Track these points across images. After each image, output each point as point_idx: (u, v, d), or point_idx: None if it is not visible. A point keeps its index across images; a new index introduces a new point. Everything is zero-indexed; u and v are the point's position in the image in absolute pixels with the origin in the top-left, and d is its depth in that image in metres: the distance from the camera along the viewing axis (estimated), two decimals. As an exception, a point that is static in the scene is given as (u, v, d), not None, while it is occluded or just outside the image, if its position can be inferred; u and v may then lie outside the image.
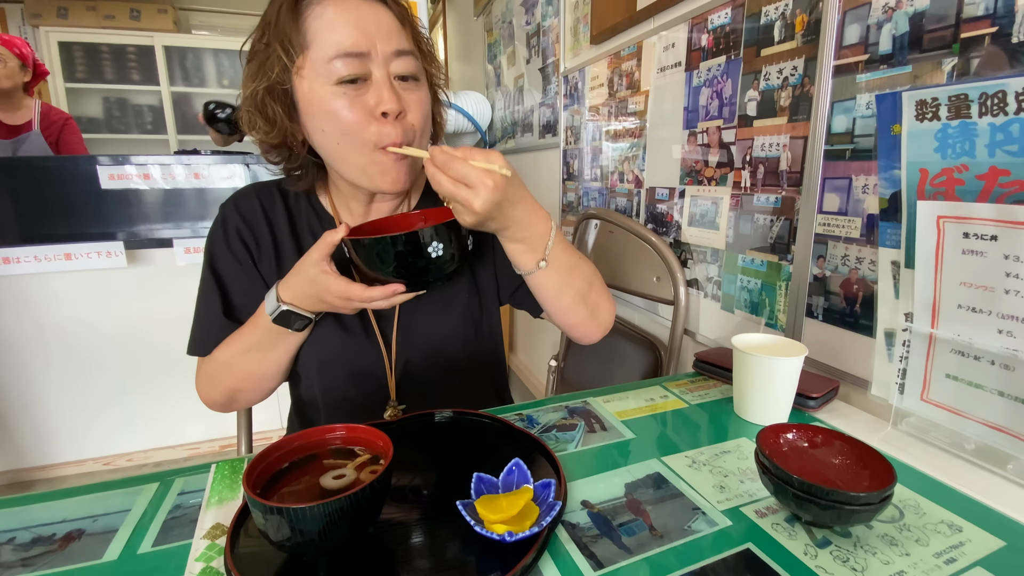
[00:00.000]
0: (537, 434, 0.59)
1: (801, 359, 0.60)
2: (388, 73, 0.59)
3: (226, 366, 0.68)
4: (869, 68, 0.64)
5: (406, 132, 0.60)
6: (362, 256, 0.55)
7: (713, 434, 0.60)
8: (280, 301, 0.61)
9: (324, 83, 0.58)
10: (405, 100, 0.60)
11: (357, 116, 0.58)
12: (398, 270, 0.54)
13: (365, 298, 0.55)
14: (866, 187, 0.66)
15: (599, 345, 1.29)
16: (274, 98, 0.62)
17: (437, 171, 0.50)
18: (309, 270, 0.57)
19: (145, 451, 2.01)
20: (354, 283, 0.56)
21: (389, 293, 0.55)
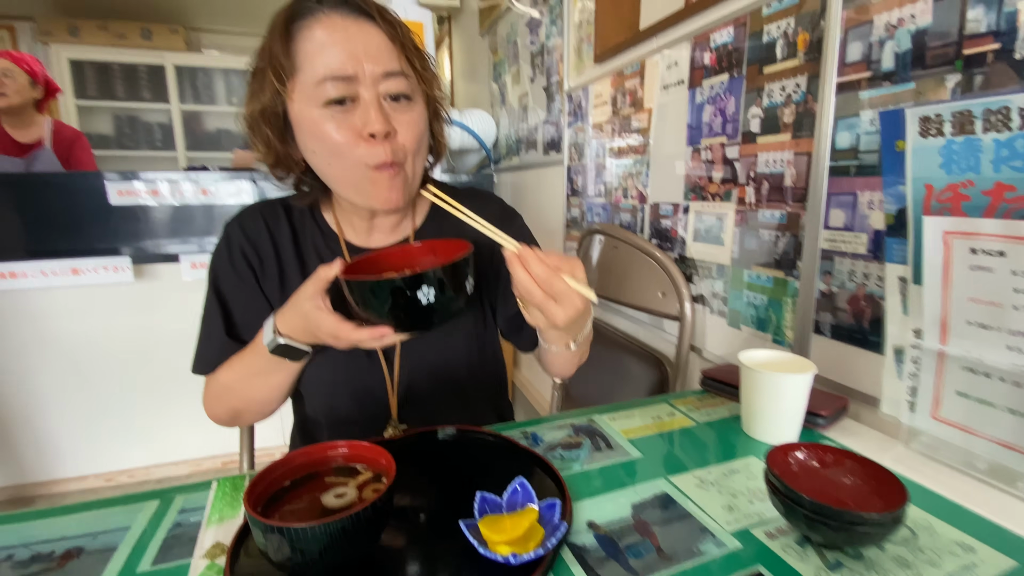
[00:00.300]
0: (542, 452, 0.58)
1: (810, 376, 0.59)
2: (377, 94, 0.59)
3: (229, 388, 0.68)
4: (872, 85, 0.64)
5: (396, 152, 0.60)
6: (355, 296, 0.52)
7: (721, 453, 0.59)
8: (277, 333, 0.60)
9: (313, 106, 0.58)
10: (396, 120, 0.60)
11: (344, 137, 0.59)
12: (392, 313, 0.51)
13: (353, 340, 0.53)
14: (872, 203, 0.65)
15: (605, 361, 1.28)
16: (267, 121, 0.63)
17: (529, 279, 0.49)
18: (303, 304, 0.56)
19: (147, 467, 2.00)
20: (344, 322, 0.54)
21: (377, 336, 0.53)
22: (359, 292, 0.51)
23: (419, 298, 0.49)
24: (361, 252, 0.73)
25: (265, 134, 0.64)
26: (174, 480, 1.98)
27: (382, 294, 0.50)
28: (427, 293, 0.50)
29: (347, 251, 0.73)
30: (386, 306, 0.50)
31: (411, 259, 0.62)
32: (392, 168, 0.61)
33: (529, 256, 0.49)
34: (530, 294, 0.49)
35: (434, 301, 0.50)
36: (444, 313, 0.52)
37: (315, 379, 0.70)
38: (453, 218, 0.80)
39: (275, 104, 0.61)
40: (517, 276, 0.50)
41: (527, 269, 0.49)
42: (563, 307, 0.49)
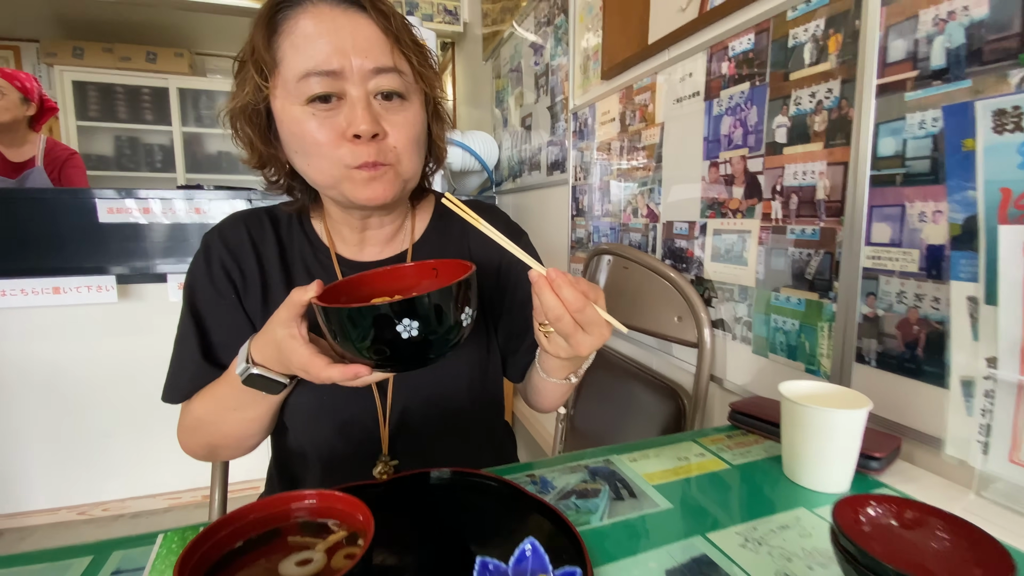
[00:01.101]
0: (553, 501, 0.49)
1: (865, 413, 0.51)
2: (366, 92, 0.53)
3: (202, 421, 0.61)
4: (920, 85, 0.58)
5: (385, 154, 0.54)
6: (328, 326, 0.44)
7: (764, 503, 0.50)
8: (251, 362, 0.52)
9: (294, 103, 0.53)
10: (387, 121, 0.54)
11: (326, 137, 0.53)
12: (372, 348, 0.42)
13: (323, 378, 0.46)
14: (924, 214, 0.58)
15: (613, 392, 1.19)
16: (248, 120, 0.58)
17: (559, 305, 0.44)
18: (277, 331, 0.48)
19: (123, 500, 1.88)
20: (316, 356, 0.46)
21: (349, 375, 0.45)
22: (331, 321, 0.43)
23: (400, 332, 0.41)
24: (354, 266, 0.66)
25: (247, 133, 0.59)
26: (150, 515, 1.86)
27: (358, 325, 0.41)
28: (410, 326, 0.41)
29: (338, 265, 0.66)
30: (364, 340, 0.42)
31: (405, 281, 0.54)
32: (376, 168, 0.54)
33: (561, 280, 0.43)
34: (560, 321, 0.44)
35: (419, 336, 0.42)
36: (434, 350, 0.44)
37: (295, 407, 0.62)
38: (457, 231, 0.74)
39: (257, 101, 0.55)
40: (547, 302, 0.43)
41: (557, 294, 0.43)
42: (592, 337, 0.45)
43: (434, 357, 0.45)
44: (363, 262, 0.67)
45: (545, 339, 0.50)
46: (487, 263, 0.71)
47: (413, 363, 0.45)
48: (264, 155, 0.60)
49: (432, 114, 0.62)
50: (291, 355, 0.47)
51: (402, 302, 0.40)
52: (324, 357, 0.46)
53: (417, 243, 0.69)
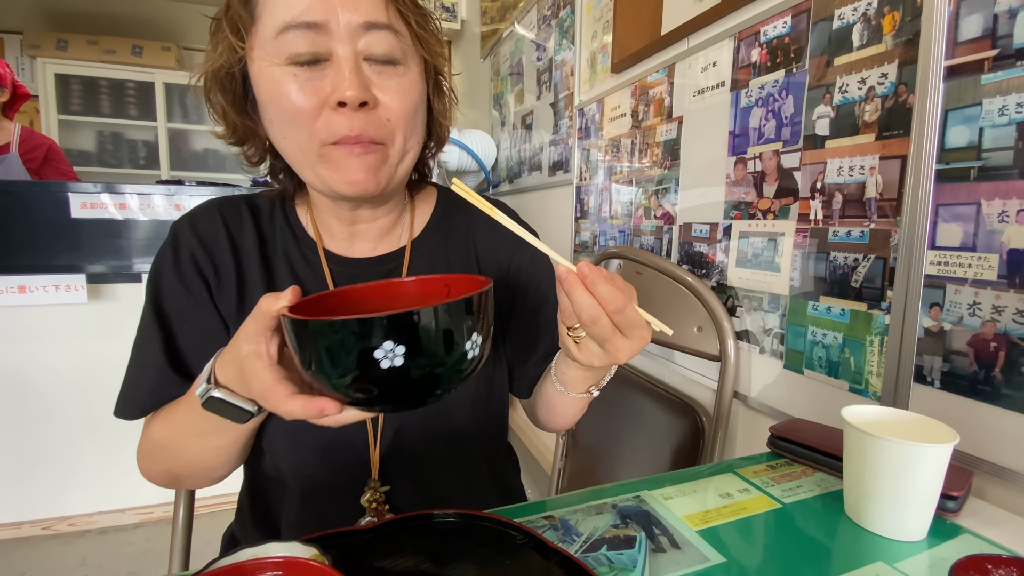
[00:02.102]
0: (581, 554, 0.40)
1: (950, 448, 0.42)
2: (355, 52, 0.44)
3: (162, 447, 0.52)
4: (1000, 66, 0.50)
5: (376, 126, 0.46)
6: (292, 343, 0.34)
7: (833, 556, 0.42)
8: (213, 381, 0.42)
9: (273, 62, 0.44)
10: (380, 87, 0.46)
11: (306, 103, 0.44)
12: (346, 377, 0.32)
13: (282, 412, 0.36)
14: (1005, 214, 0.50)
15: (621, 406, 1.10)
16: (221, 85, 0.49)
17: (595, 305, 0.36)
18: (241, 347, 0.38)
19: (90, 515, 1.76)
20: (279, 383, 0.36)
21: (313, 412, 0.35)
22: (296, 337, 0.33)
23: (378, 359, 0.31)
24: (344, 263, 0.58)
25: (219, 102, 0.51)
26: (119, 531, 1.73)
27: (325, 344, 0.32)
28: (392, 352, 0.31)
29: (326, 262, 0.57)
30: (334, 365, 0.32)
31: (409, 299, 0.44)
32: (361, 144, 0.46)
33: (596, 276, 0.35)
34: (596, 324, 0.36)
35: (404, 366, 0.31)
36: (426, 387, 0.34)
37: (279, 430, 0.53)
38: (461, 228, 0.65)
39: (231, 63, 0.47)
40: (580, 301, 0.36)
41: (592, 292, 0.35)
42: (632, 341, 0.38)
43: (425, 397, 0.35)
44: (354, 258, 0.58)
45: (575, 346, 0.42)
46: (494, 265, 0.63)
47: (396, 401, 0.35)
48: (240, 128, 0.52)
49: (433, 87, 0.53)
50: (251, 377, 0.37)
51: (385, 317, 0.30)
52: (288, 385, 0.36)
53: (416, 239, 0.60)
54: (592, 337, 0.39)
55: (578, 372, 0.50)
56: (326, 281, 0.57)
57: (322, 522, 0.57)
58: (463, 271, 0.61)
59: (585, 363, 0.42)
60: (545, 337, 0.63)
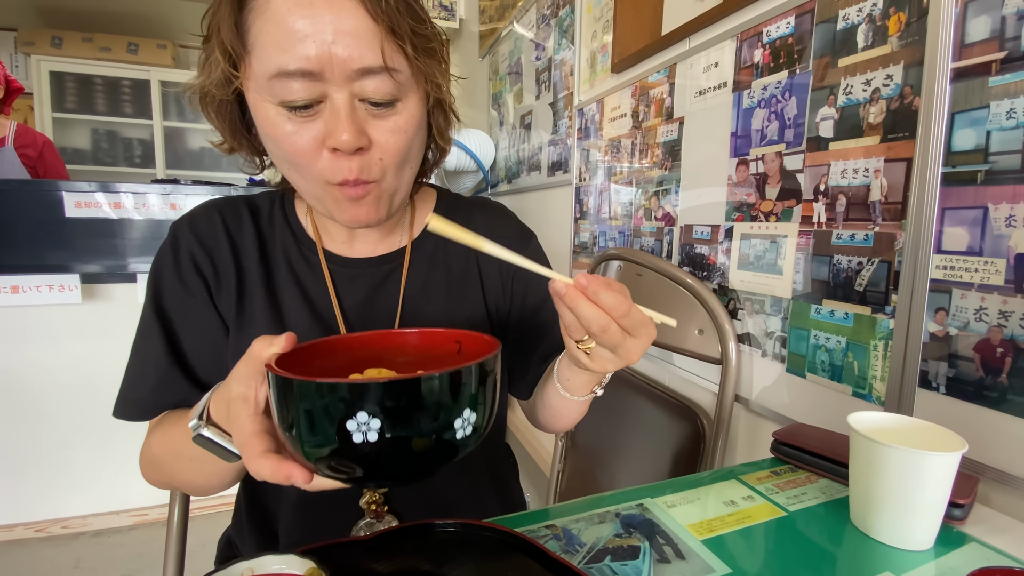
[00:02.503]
0: (584, 565, 0.39)
1: (959, 456, 0.42)
2: (350, 95, 0.43)
3: (159, 463, 0.52)
4: (1009, 68, 0.50)
5: (368, 169, 0.45)
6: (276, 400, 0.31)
7: (840, 565, 0.41)
8: (207, 416, 0.40)
9: (267, 100, 0.43)
10: (374, 127, 0.45)
11: (304, 146, 0.44)
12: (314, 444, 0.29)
13: (252, 469, 0.33)
14: (1012, 218, 0.50)
15: (620, 409, 1.10)
16: (216, 110, 0.48)
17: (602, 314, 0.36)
18: (232, 387, 0.36)
19: (84, 516, 1.74)
20: (258, 436, 0.34)
21: (280, 477, 0.32)
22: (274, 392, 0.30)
23: (349, 431, 0.28)
24: (344, 263, 0.57)
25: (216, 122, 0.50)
26: (114, 533, 1.72)
27: (292, 406, 0.29)
28: (365, 426, 0.27)
29: (326, 262, 0.57)
30: (301, 430, 0.29)
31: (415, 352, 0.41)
32: (358, 188, 0.46)
33: (597, 286, 0.36)
34: (606, 332, 0.36)
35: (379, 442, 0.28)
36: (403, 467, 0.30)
37: None
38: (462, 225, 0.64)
39: (226, 93, 0.46)
40: (586, 314, 0.36)
41: (596, 302, 0.35)
42: (641, 340, 0.38)
43: (403, 478, 0.31)
44: (354, 259, 0.58)
45: (587, 357, 0.41)
46: (494, 265, 0.62)
47: (368, 478, 0.31)
48: (236, 146, 0.53)
49: (433, 104, 0.52)
50: (234, 422, 0.35)
51: (354, 385, 0.27)
52: (265, 440, 0.34)
53: (416, 240, 0.59)
54: (603, 345, 0.38)
55: (584, 377, 0.49)
56: (325, 281, 0.56)
57: (320, 525, 0.56)
58: (463, 272, 0.61)
59: (599, 370, 0.42)
60: (544, 337, 0.63)
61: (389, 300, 0.58)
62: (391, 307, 0.57)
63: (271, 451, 0.33)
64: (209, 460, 0.45)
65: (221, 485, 0.51)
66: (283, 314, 0.55)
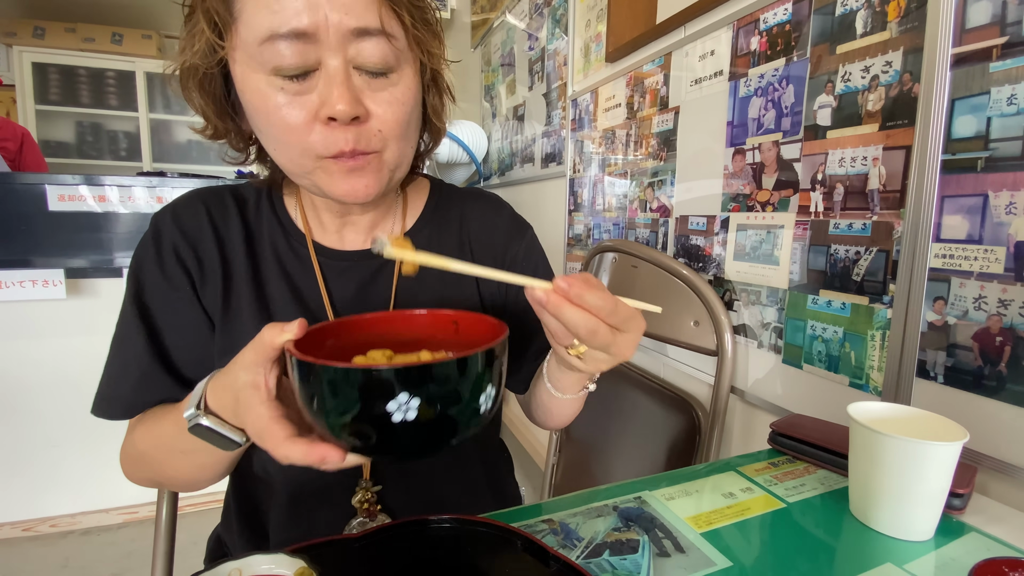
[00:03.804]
0: (583, 560, 0.39)
1: (960, 446, 0.41)
2: (345, 61, 0.41)
3: (145, 458, 0.50)
4: (1009, 53, 0.49)
5: (367, 140, 0.43)
6: (299, 385, 0.32)
7: (840, 557, 0.41)
8: (204, 406, 0.39)
9: (257, 70, 0.41)
10: (371, 98, 0.43)
11: (297, 119, 0.42)
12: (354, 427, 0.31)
13: (278, 455, 0.33)
14: (1012, 205, 0.49)
15: (615, 401, 1.09)
16: (200, 86, 0.46)
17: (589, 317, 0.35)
18: (239, 376, 0.36)
19: (73, 515, 1.71)
20: (278, 422, 0.34)
21: (314, 459, 0.32)
22: (305, 381, 0.31)
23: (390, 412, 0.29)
24: (334, 256, 0.55)
25: (200, 102, 0.47)
26: (103, 531, 1.70)
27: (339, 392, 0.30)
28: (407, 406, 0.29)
29: (315, 254, 0.55)
30: (343, 414, 0.30)
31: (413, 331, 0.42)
32: (355, 158, 0.44)
33: (579, 287, 0.34)
34: (596, 334, 0.35)
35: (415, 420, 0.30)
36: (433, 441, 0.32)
37: None
38: (455, 221, 0.62)
39: (210, 64, 0.43)
40: (573, 319, 0.35)
41: (581, 306, 0.35)
42: (632, 333, 0.37)
43: (434, 450, 0.33)
44: (345, 251, 0.56)
45: (579, 361, 0.40)
46: (489, 258, 0.61)
47: (403, 453, 0.33)
48: (221, 129, 0.50)
49: (429, 83, 0.51)
50: (247, 411, 0.35)
51: (406, 369, 0.29)
52: (286, 425, 0.34)
53: (408, 232, 0.58)
54: (595, 347, 0.37)
55: (573, 376, 0.48)
56: (315, 274, 0.55)
57: (311, 525, 0.55)
58: None
59: (594, 371, 0.41)
60: (538, 333, 0.62)
61: (381, 293, 0.56)
62: (383, 301, 0.56)
63: (295, 435, 0.33)
64: (203, 451, 0.44)
65: (212, 478, 0.50)
66: (271, 308, 0.53)
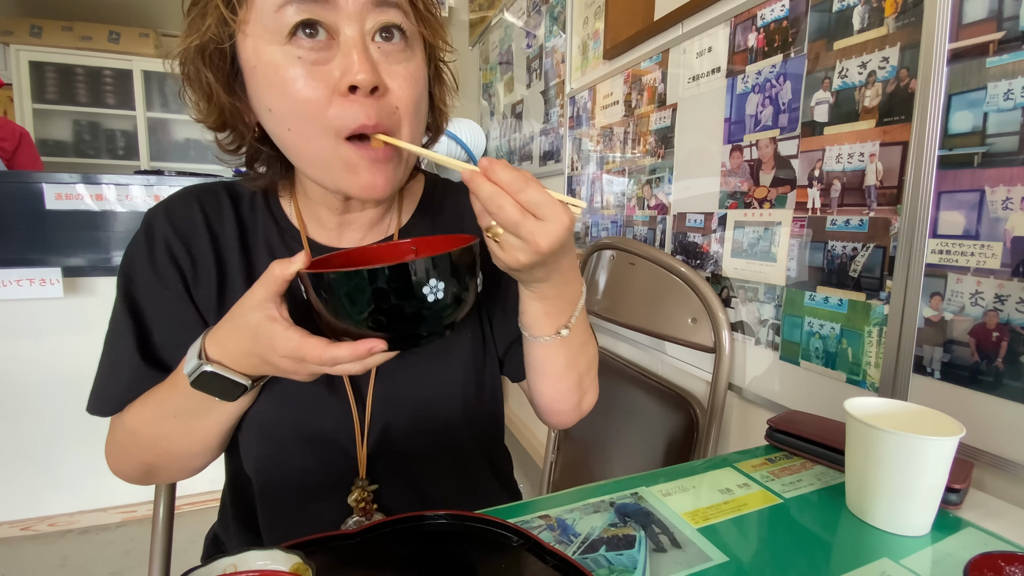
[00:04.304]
0: (579, 555, 0.39)
1: (956, 441, 0.41)
2: (363, 32, 0.41)
3: (137, 435, 0.49)
4: (1006, 48, 0.49)
5: (387, 114, 0.43)
6: (327, 297, 0.38)
7: (837, 552, 0.41)
8: (205, 357, 0.42)
9: (272, 41, 0.41)
10: (388, 72, 0.43)
11: (315, 91, 0.41)
12: (376, 318, 0.37)
13: (326, 360, 0.38)
14: (1009, 201, 0.49)
15: (614, 399, 1.09)
16: (207, 61, 0.45)
17: (498, 191, 0.37)
18: (249, 316, 0.39)
19: (71, 514, 1.71)
20: (311, 337, 0.38)
21: (363, 352, 0.38)
22: (335, 289, 0.37)
23: (424, 294, 0.37)
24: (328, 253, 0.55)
25: (205, 80, 0.46)
26: (101, 530, 1.69)
27: (370, 289, 0.36)
28: (435, 287, 0.37)
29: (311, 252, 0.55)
30: (371, 309, 0.37)
31: (397, 256, 0.48)
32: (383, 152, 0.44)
33: (495, 165, 0.37)
34: (502, 209, 0.37)
35: (443, 296, 0.38)
36: (453, 314, 0.40)
37: (252, 422, 0.51)
38: (449, 216, 0.62)
39: (220, 38, 0.43)
40: (482, 191, 0.37)
41: (493, 180, 0.37)
42: (548, 223, 0.37)
43: (449, 327, 0.42)
44: (340, 248, 0.56)
45: (497, 246, 0.40)
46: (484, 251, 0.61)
47: (429, 334, 0.40)
48: (227, 109, 0.47)
49: (433, 72, 0.51)
50: (275, 341, 0.39)
51: (432, 259, 0.37)
52: (317, 338, 0.38)
53: (404, 227, 0.58)
54: (505, 227, 0.38)
55: (534, 304, 0.47)
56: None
57: (308, 523, 0.54)
58: None
59: (512, 264, 0.40)
60: None
61: None
62: None
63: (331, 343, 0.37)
64: (199, 414, 0.45)
65: (206, 450, 0.50)
66: None
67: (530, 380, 0.60)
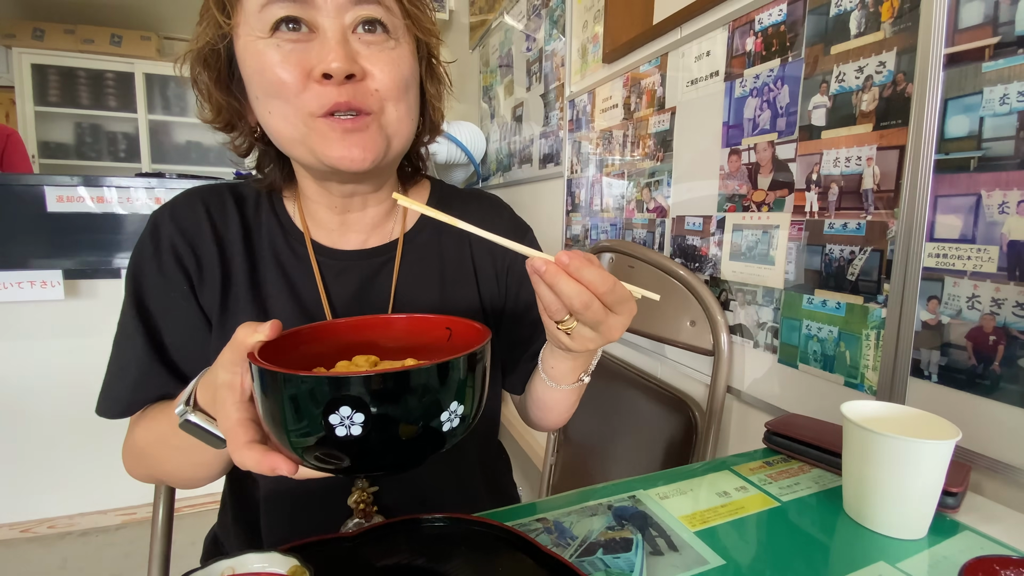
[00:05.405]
0: (575, 557, 0.39)
1: (953, 445, 0.41)
2: (342, 24, 0.43)
3: (144, 456, 0.51)
4: (1002, 53, 0.49)
5: (364, 96, 0.44)
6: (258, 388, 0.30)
7: (834, 555, 0.41)
8: (192, 404, 0.39)
9: (257, 35, 0.43)
10: (369, 59, 0.44)
11: (291, 75, 0.42)
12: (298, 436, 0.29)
13: (235, 459, 0.33)
14: (1005, 205, 0.49)
15: (612, 402, 1.09)
16: (205, 63, 0.47)
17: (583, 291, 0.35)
18: (218, 373, 0.35)
19: (71, 516, 1.71)
20: (242, 424, 0.33)
21: (265, 468, 0.31)
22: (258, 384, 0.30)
23: (332, 425, 0.27)
24: (333, 255, 0.56)
25: (204, 81, 0.48)
26: (101, 532, 1.70)
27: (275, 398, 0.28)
28: (349, 420, 0.27)
29: (314, 254, 0.55)
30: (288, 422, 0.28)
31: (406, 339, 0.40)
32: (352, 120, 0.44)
33: (579, 262, 0.35)
34: (589, 308, 0.35)
35: (362, 435, 0.27)
36: (389, 460, 0.30)
37: None
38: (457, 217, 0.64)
39: (215, 40, 0.45)
40: (568, 290, 0.35)
41: (578, 279, 0.34)
42: (623, 316, 0.38)
43: (390, 469, 0.31)
44: (344, 251, 0.56)
45: (567, 338, 0.40)
46: (489, 259, 0.61)
47: (355, 469, 0.30)
48: (226, 109, 0.50)
49: (426, 69, 0.51)
50: (220, 410, 0.34)
51: (338, 379, 0.27)
52: (250, 429, 0.33)
53: (409, 233, 0.58)
54: (585, 323, 0.38)
55: (568, 363, 0.48)
56: (314, 273, 0.55)
57: (307, 525, 0.55)
58: (457, 266, 0.60)
59: (580, 350, 0.41)
60: (538, 334, 0.62)
61: (380, 294, 0.56)
62: (382, 301, 0.56)
63: (256, 441, 0.32)
64: (195, 449, 0.44)
65: (208, 476, 0.50)
66: (268, 308, 0.54)
67: (533, 410, 0.62)
